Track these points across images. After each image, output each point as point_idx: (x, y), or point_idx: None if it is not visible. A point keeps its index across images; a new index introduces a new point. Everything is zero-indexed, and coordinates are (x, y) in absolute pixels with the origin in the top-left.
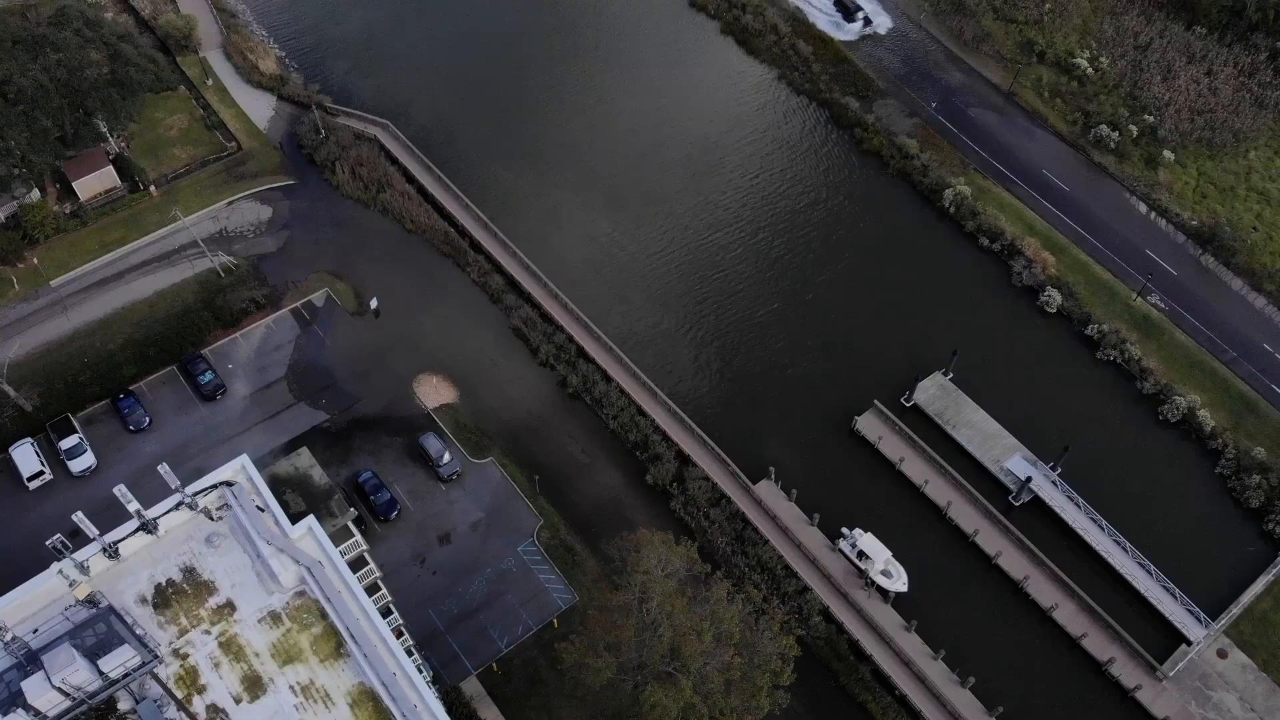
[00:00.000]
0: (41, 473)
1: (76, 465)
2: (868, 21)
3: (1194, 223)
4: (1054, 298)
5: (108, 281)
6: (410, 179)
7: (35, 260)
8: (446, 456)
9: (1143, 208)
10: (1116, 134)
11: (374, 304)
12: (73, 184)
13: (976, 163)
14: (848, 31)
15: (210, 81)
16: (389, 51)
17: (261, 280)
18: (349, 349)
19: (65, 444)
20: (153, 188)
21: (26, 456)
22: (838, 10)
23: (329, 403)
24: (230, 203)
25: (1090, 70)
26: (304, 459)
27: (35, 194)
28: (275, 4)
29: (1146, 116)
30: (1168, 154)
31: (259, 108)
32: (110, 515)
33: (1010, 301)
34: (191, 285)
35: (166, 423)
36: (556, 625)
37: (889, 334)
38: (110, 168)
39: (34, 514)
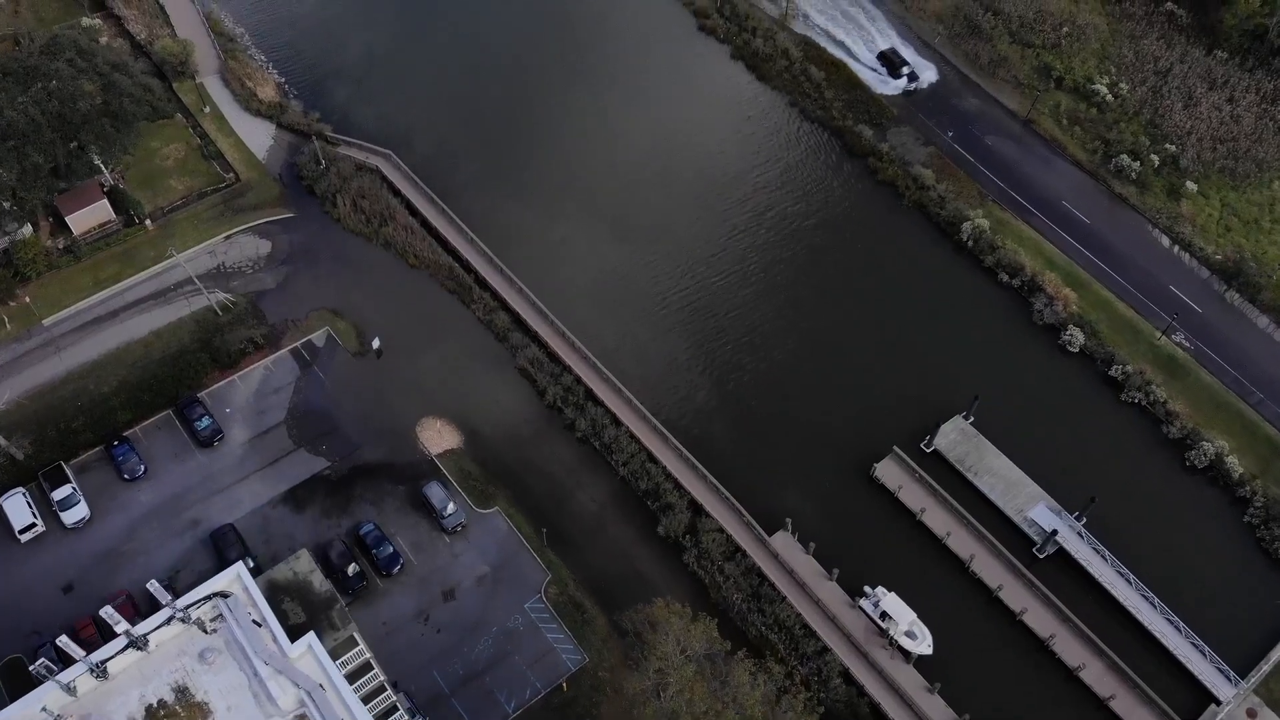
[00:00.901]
0: (33, 525)
1: (69, 517)
2: (913, 77)
3: (1218, 257)
4: (1076, 337)
5: (102, 320)
6: (413, 211)
7: (27, 298)
8: (450, 507)
9: (1165, 241)
10: (1138, 164)
11: (376, 343)
12: (66, 219)
13: (994, 193)
14: (893, 88)
15: (207, 109)
16: (391, 77)
17: (260, 319)
18: (350, 391)
19: (58, 495)
20: (148, 221)
21: (18, 508)
22: (882, 65)
23: (330, 449)
24: (228, 237)
25: (1110, 97)
26: (303, 563)
27: (27, 230)
28: (275, 28)
29: (1168, 145)
30: (1190, 185)
31: (258, 136)
32: (103, 570)
33: (1031, 340)
34: (188, 324)
35: (162, 470)
36: (566, 689)
37: (907, 373)
38: (105, 201)
39: (26, 567)
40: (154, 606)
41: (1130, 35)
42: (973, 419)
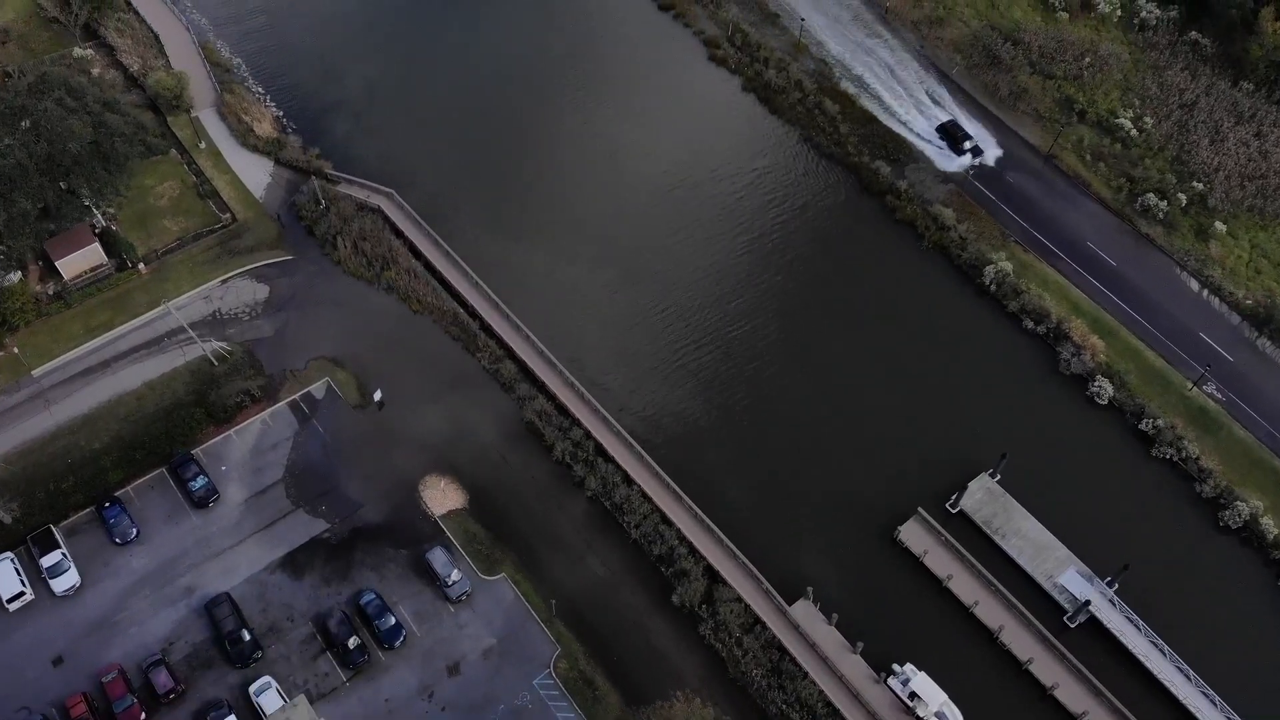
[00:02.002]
0: (22, 593)
1: (59, 585)
2: (977, 152)
3: (1248, 302)
4: (1105, 388)
5: (93, 371)
6: (416, 254)
7: (15, 349)
8: (455, 575)
9: (1194, 284)
10: (1164, 203)
11: (378, 396)
12: (56, 264)
13: (1017, 234)
14: (956, 164)
15: (203, 145)
16: (392, 111)
17: (257, 369)
18: (351, 447)
19: (47, 561)
20: (141, 265)
21: (6, 575)
22: (943, 139)
23: (329, 509)
24: (224, 281)
25: (1134, 131)
26: (301, 712)
27: (16, 275)
28: (272, 59)
29: (1195, 183)
30: (1219, 225)
31: (255, 174)
32: (95, 641)
33: (1058, 391)
34: (182, 375)
35: (155, 533)
36: None
37: (930, 426)
38: (96, 244)
39: (14, 638)
40: (146, 683)
41: (1154, 66)
42: (999, 477)
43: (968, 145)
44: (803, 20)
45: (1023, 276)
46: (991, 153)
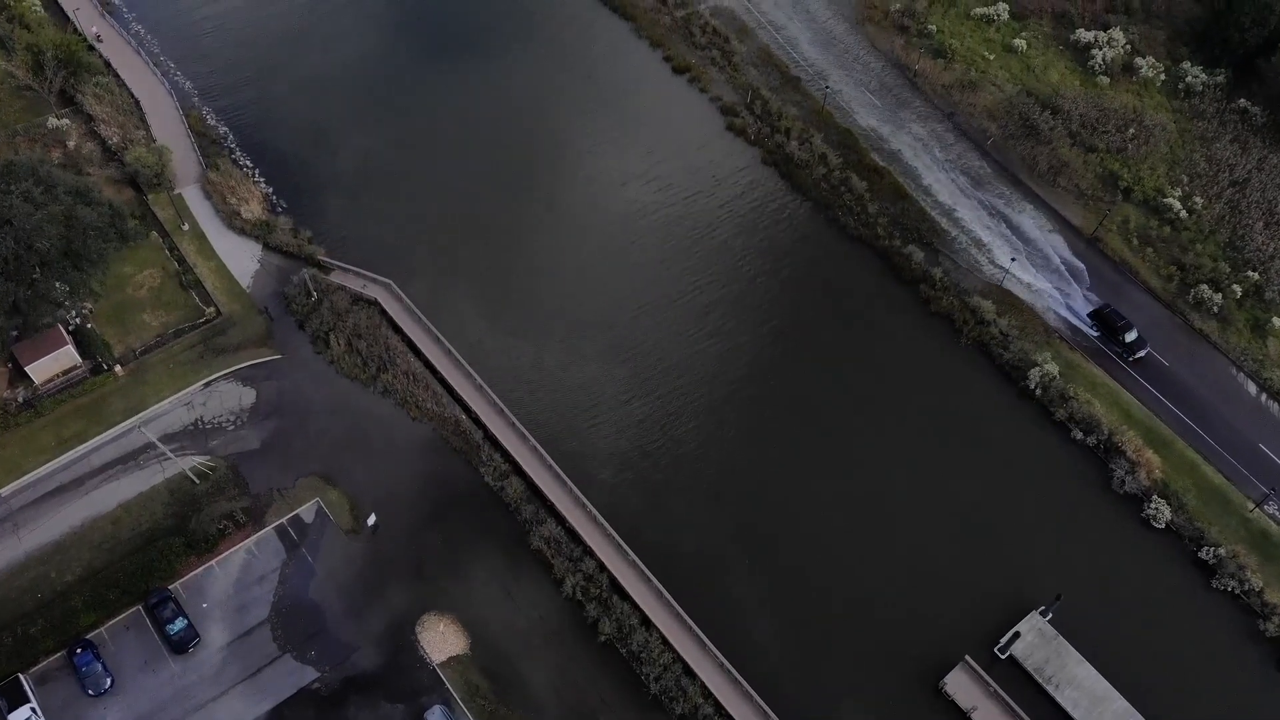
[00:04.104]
0: None
1: None
2: (1141, 344)
3: None
4: (1162, 511)
5: (65, 490)
6: (416, 352)
7: None
8: None
9: (1252, 388)
10: (1219, 296)
11: (372, 520)
12: (26, 369)
13: (1060, 327)
14: (1117, 364)
15: (186, 227)
16: (390, 190)
17: (241, 488)
18: (343, 580)
19: (16, 718)
20: (118, 366)
21: None
22: (1093, 327)
23: (319, 655)
24: (206, 384)
25: (1183, 212)
26: None
27: None
28: (262, 129)
29: (1250, 273)
30: (1276, 321)
31: (242, 259)
32: None
33: (1111, 512)
34: (161, 494)
35: (130, 683)
36: None
37: (973, 554)
38: (69, 346)
39: None
40: None
41: (1201, 137)
42: (1051, 616)
43: (1129, 337)
44: (827, 87)
45: (1070, 380)
46: (1170, 356)
